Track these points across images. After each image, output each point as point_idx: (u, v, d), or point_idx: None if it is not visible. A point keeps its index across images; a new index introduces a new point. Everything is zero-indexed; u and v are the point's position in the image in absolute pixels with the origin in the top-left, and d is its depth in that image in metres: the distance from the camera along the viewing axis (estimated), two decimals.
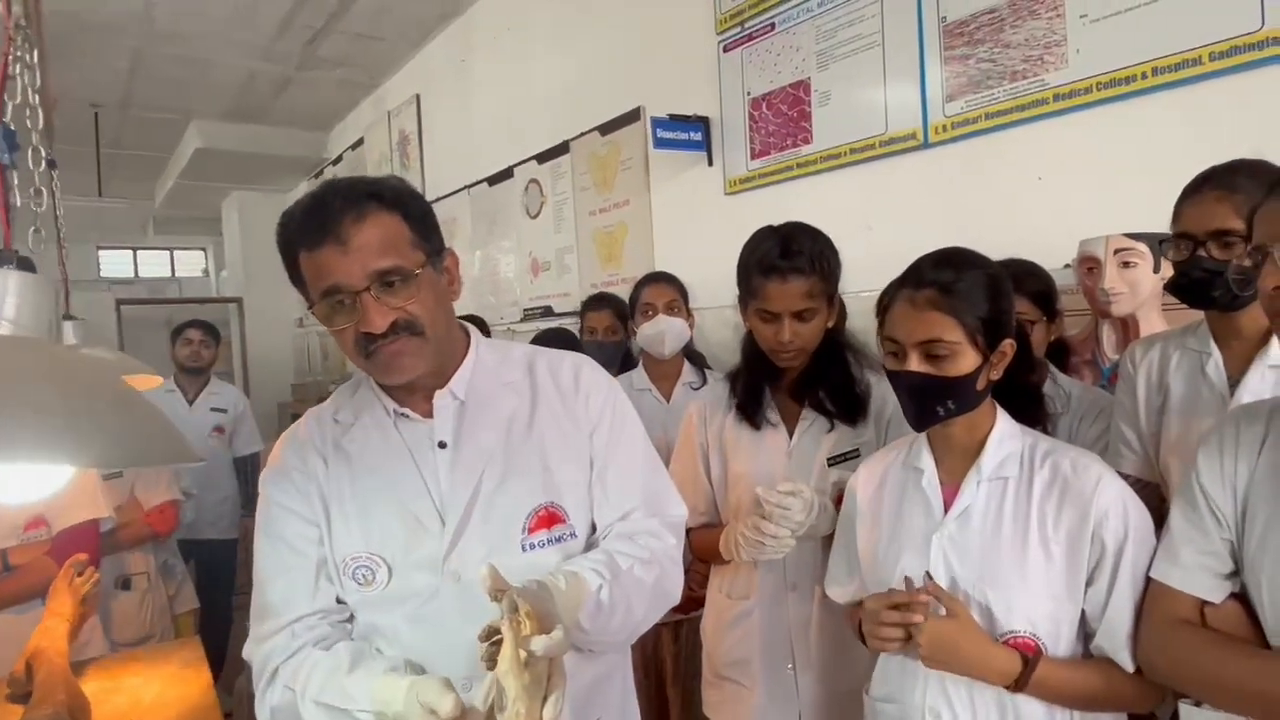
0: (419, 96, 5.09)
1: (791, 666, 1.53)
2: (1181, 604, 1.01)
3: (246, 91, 5.56)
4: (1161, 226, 1.34)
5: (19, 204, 1.02)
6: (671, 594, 1.13)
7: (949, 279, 1.13)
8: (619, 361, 2.71)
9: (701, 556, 1.66)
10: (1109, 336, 1.71)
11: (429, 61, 4.96)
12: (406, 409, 1.10)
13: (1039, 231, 1.84)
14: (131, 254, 11.43)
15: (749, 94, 2.79)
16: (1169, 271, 1.34)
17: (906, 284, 1.16)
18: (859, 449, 1.50)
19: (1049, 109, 1.98)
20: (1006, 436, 1.18)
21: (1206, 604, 1.00)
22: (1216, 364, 1.30)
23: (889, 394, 1.33)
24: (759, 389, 1.58)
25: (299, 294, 1.05)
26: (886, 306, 1.19)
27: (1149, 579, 1.05)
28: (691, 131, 2.92)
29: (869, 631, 1.16)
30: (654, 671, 2.35)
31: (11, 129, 1.01)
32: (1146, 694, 1.09)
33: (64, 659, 1.60)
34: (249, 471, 3.73)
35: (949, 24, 2.18)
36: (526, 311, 4.17)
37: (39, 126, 1.05)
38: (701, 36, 2.94)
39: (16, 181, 1.02)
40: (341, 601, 1.10)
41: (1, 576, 1.94)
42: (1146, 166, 1.80)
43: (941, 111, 2.22)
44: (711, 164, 2.95)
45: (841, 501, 1.37)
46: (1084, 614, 1.10)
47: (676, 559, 1.14)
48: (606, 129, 3.45)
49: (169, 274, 11.63)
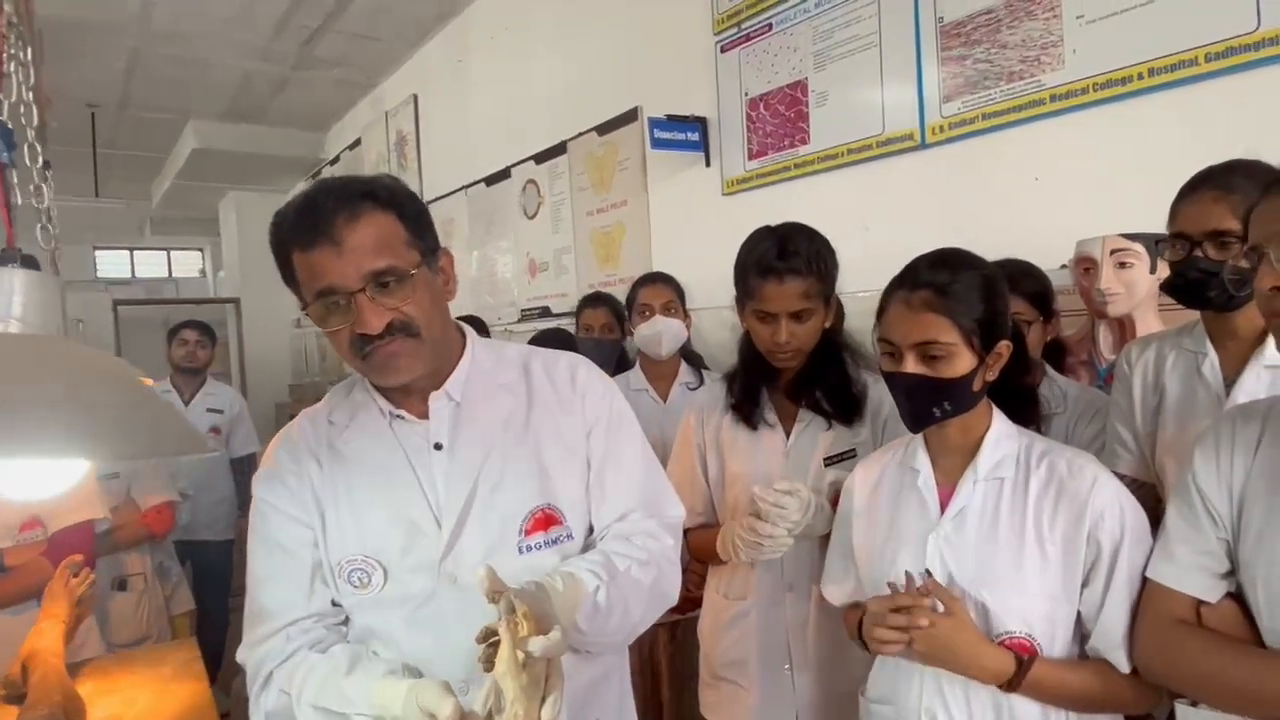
0: (416, 97, 5.09)
1: (788, 667, 1.53)
2: (1177, 604, 1.01)
3: (243, 92, 5.55)
4: (1158, 227, 1.34)
5: (20, 202, 1.02)
6: (669, 595, 1.13)
7: (945, 280, 1.12)
8: (615, 360, 2.71)
9: (699, 557, 1.66)
10: (1105, 337, 1.71)
11: (426, 62, 4.96)
12: (402, 410, 1.09)
13: (1036, 232, 1.85)
14: (128, 254, 11.42)
15: (746, 94, 2.79)
16: (1165, 272, 1.34)
17: (902, 285, 1.16)
18: (855, 449, 1.50)
19: (1046, 109, 1.99)
20: (1003, 437, 1.18)
21: (1202, 603, 1.00)
22: (1212, 364, 1.30)
23: (886, 394, 1.33)
24: (756, 389, 1.58)
25: (294, 295, 1.03)
26: (883, 308, 1.19)
27: (1145, 579, 1.05)
28: (689, 132, 2.92)
29: (871, 634, 1.15)
30: (650, 672, 2.35)
31: (9, 127, 1.01)
32: (1143, 695, 1.09)
33: (59, 660, 1.59)
34: (246, 473, 3.72)
35: (946, 24, 2.18)
36: (524, 312, 4.17)
37: (34, 124, 1.05)
38: (699, 37, 2.93)
39: (16, 180, 1.02)
40: (337, 604, 1.09)
41: None
42: (1143, 167, 1.80)
43: (938, 112, 2.22)
44: (709, 164, 2.95)
45: (838, 501, 1.36)
46: (1079, 614, 1.10)
47: (674, 560, 1.14)
48: (604, 129, 3.44)
49: (166, 274, 11.62)
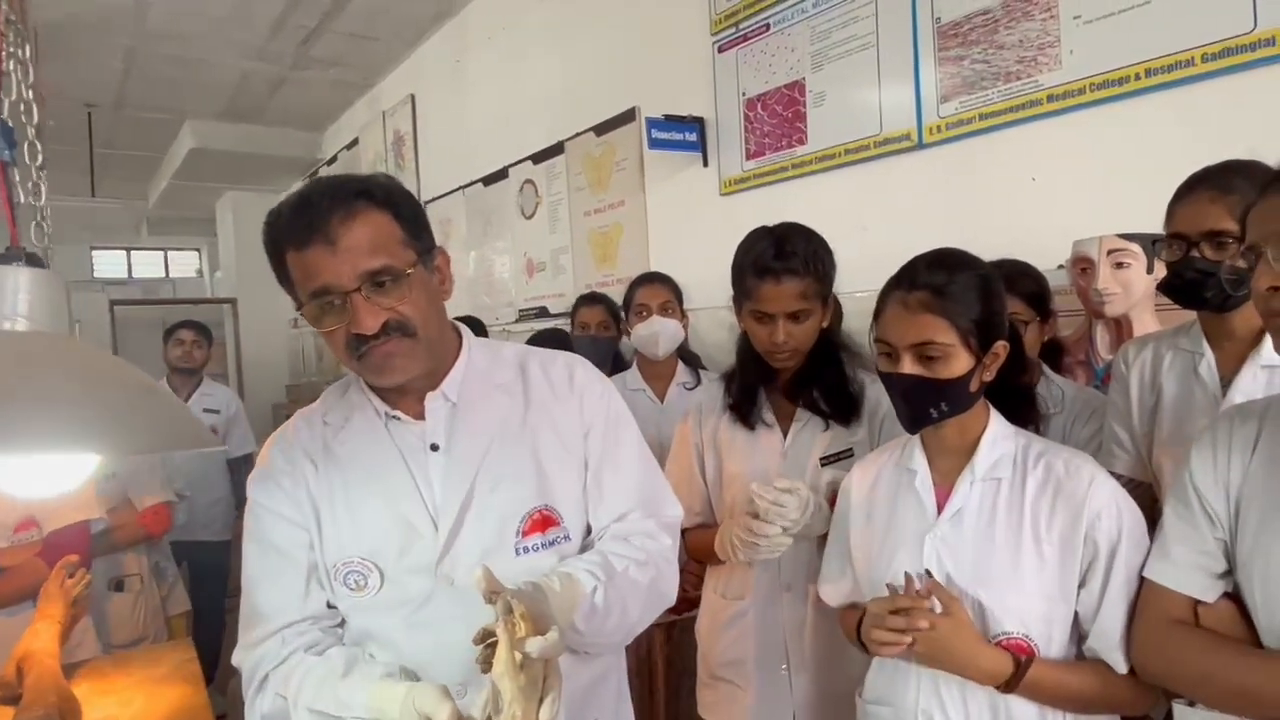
0: (414, 97, 5.08)
1: (786, 667, 1.53)
2: (1175, 603, 1.01)
3: (241, 91, 5.55)
4: (1155, 227, 1.34)
5: (22, 201, 1.02)
6: (667, 595, 1.13)
7: (942, 281, 1.12)
8: (611, 358, 2.71)
9: (697, 557, 1.66)
10: (1103, 337, 1.71)
11: (423, 61, 4.95)
12: (398, 411, 1.08)
13: (1033, 232, 1.85)
14: (125, 254, 11.40)
15: (744, 94, 2.79)
16: (1162, 272, 1.34)
17: (899, 286, 1.16)
18: (852, 448, 1.50)
19: (1043, 110, 1.99)
20: (1000, 437, 1.18)
21: (1200, 603, 0.99)
22: (1209, 364, 1.30)
23: (883, 394, 1.33)
24: (754, 389, 1.58)
25: (288, 294, 1.02)
26: (880, 309, 1.19)
27: (1142, 579, 1.05)
28: (686, 132, 2.92)
29: (871, 636, 1.14)
30: (647, 672, 2.35)
31: (9, 125, 1.01)
32: (1141, 696, 1.08)
33: (55, 661, 1.59)
34: (242, 473, 3.71)
35: (943, 25, 2.19)
36: (521, 312, 4.16)
37: (34, 122, 1.04)
38: (696, 37, 2.93)
39: (18, 178, 1.02)
40: (332, 606, 1.08)
41: None
42: (1140, 167, 1.80)
43: (936, 112, 2.22)
44: (706, 164, 2.95)
45: (835, 501, 1.36)
46: (1077, 615, 1.10)
47: (672, 560, 1.14)
48: (601, 129, 3.44)
49: (163, 275, 11.60)
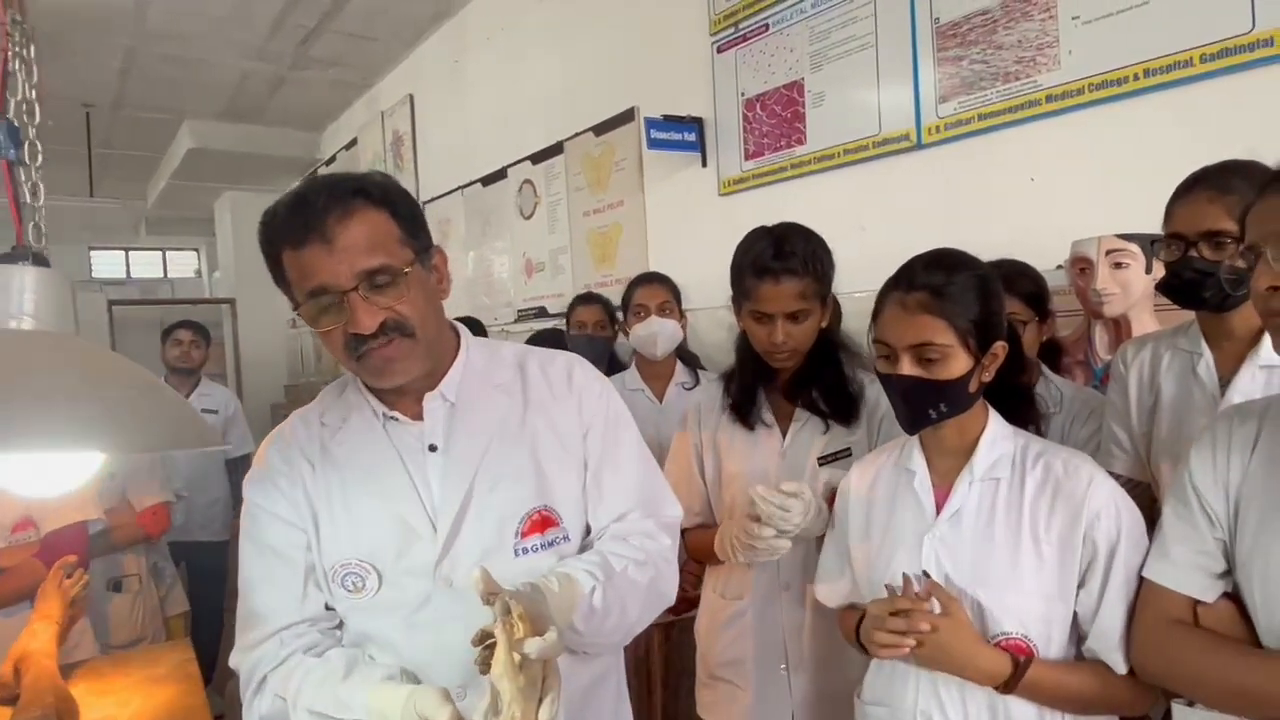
0: (412, 97, 5.08)
1: (784, 667, 1.53)
2: (1174, 603, 1.00)
3: (240, 91, 5.54)
4: (1154, 227, 1.34)
5: (28, 200, 1.02)
6: (666, 595, 1.12)
7: (940, 282, 1.12)
8: (608, 357, 2.71)
9: (696, 557, 1.66)
10: (1101, 337, 1.71)
11: (422, 61, 4.95)
12: (395, 412, 1.08)
13: (1031, 232, 1.85)
14: (123, 254, 11.38)
15: (743, 95, 2.79)
16: (1161, 272, 1.34)
17: (897, 287, 1.16)
18: (850, 448, 1.50)
19: (1041, 110, 1.99)
20: (998, 438, 1.17)
21: (1199, 603, 0.99)
22: (1207, 364, 1.31)
23: (882, 394, 1.33)
24: (753, 389, 1.57)
25: (284, 294, 1.02)
26: (878, 309, 1.18)
27: (1141, 579, 1.05)
28: (685, 132, 2.92)
29: (873, 638, 1.13)
30: (645, 672, 2.34)
31: (15, 125, 1.01)
32: (1140, 696, 1.08)
33: (52, 661, 1.58)
34: (241, 473, 3.69)
35: (942, 25, 2.19)
36: (520, 312, 4.16)
37: (36, 123, 1.04)
38: (695, 37, 2.94)
39: (23, 178, 1.02)
40: (330, 608, 1.08)
41: None
42: (1138, 167, 1.80)
43: (935, 113, 2.22)
44: (705, 165, 2.95)
45: (833, 501, 1.36)
46: (1076, 615, 1.10)
47: (671, 560, 1.14)
48: (600, 129, 3.44)
49: (161, 275, 11.59)
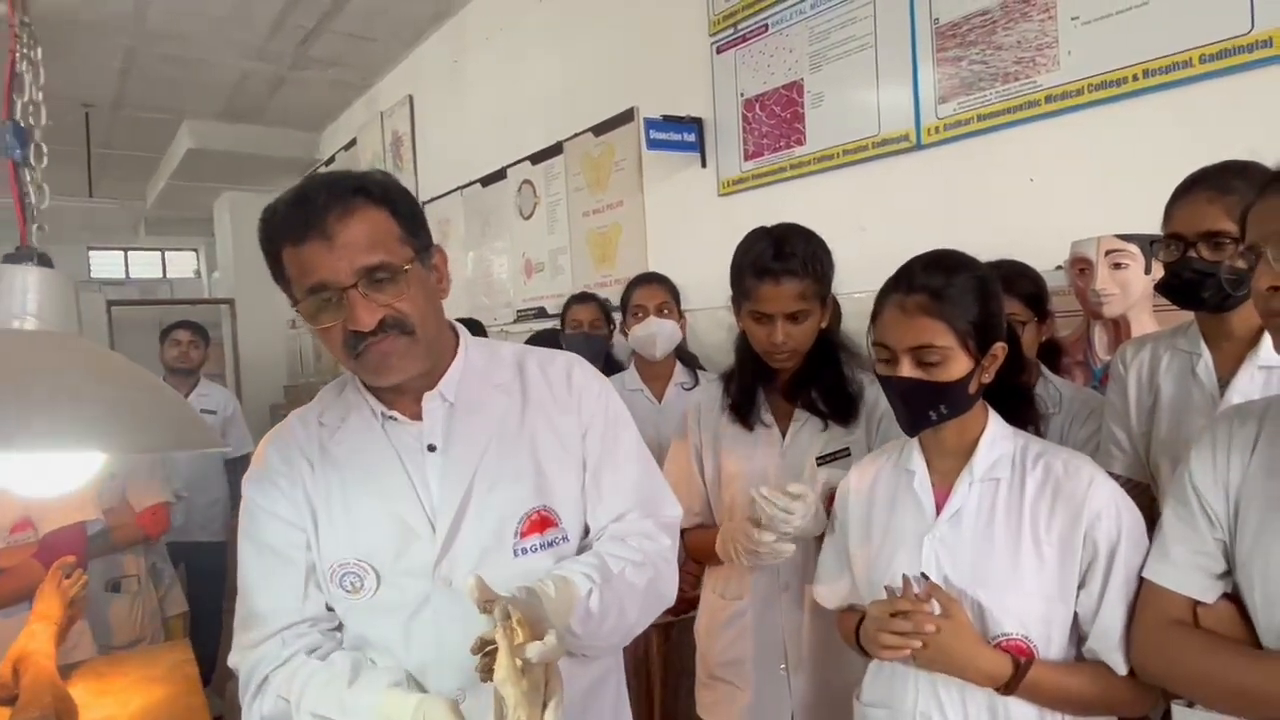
0: (412, 97, 5.08)
1: (784, 667, 1.53)
2: (1174, 604, 1.00)
3: (239, 91, 5.54)
4: (1153, 228, 1.34)
5: (33, 201, 1.02)
6: (666, 595, 1.12)
7: (939, 284, 1.12)
8: (604, 356, 2.71)
9: (696, 558, 1.66)
10: (1100, 337, 1.71)
11: (421, 62, 4.95)
12: (394, 411, 1.07)
13: (1031, 233, 1.85)
14: (123, 255, 11.38)
15: (742, 95, 2.79)
16: (1160, 272, 1.34)
17: (897, 289, 1.15)
18: (849, 448, 1.50)
19: (1041, 110, 1.99)
20: (998, 438, 1.17)
21: (1199, 604, 0.99)
22: (1206, 365, 1.31)
23: (881, 394, 1.33)
24: (752, 390, 1.57)
25: (284, 292, 1.02)
26: (877, 311, 1.18)
27: (1142, 579, 1.05)
28: (685, 133, 2.92)
29: (874, 639, 1.12)
30: (644, 673, 2.34)
31: (22, 126, 1.01)
32: (1140, 697, 1.08)
33: (51, 662, 1.58)
34: (240, 474, 3.68)
35: (941, 26, 2.19)
36: (520, 313, 4.16)
37: (42, 123, 1.05)
38: (695, 37, 2.93)
39: (30, 178, 1.02)
40: (330, 609, 1.08)
41: None
42: (1138, 168, 1.80)
43: (934, 113, 2.22)
44: (705, 165, 2.95)
45: (832, 502, 1.36)
46: (1076, 616, 1.10)
47: (671, 560, 1.13)
48: (600, 130, 3.44)
49: (160, 275, 11.59)
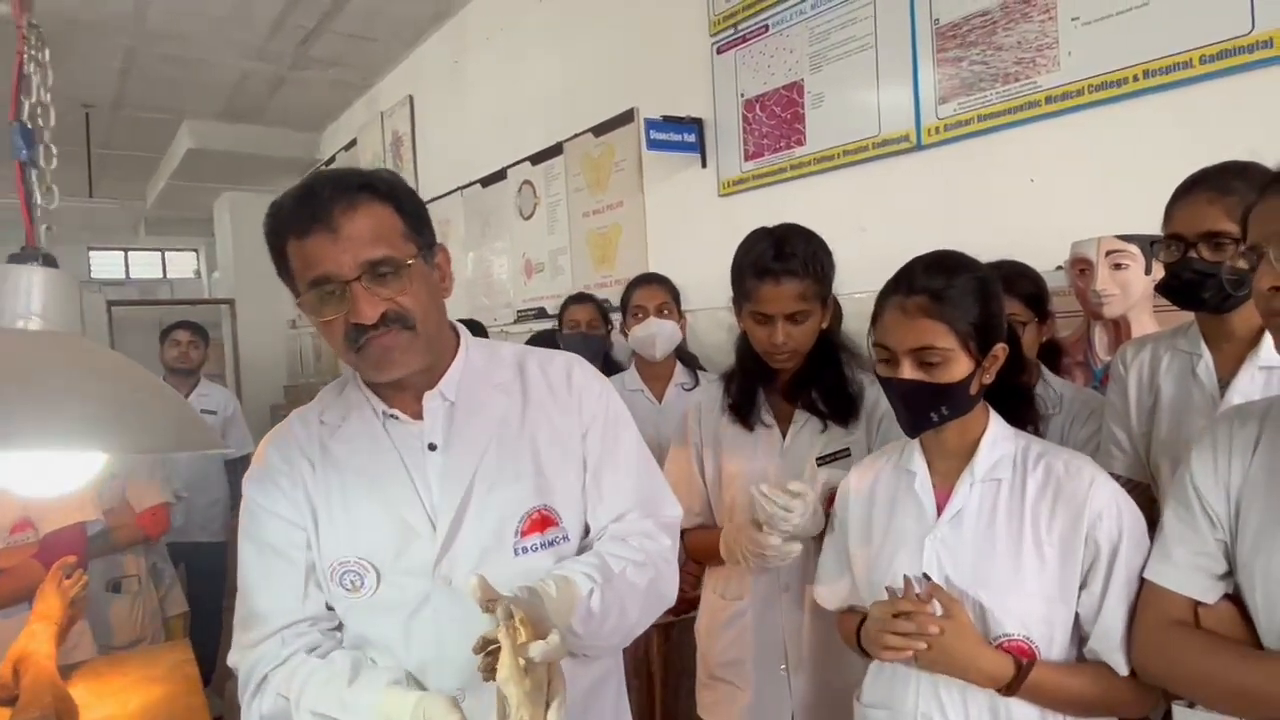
0: (412, 97, 5.08)
1: (784, 667, 1.53)
2: (1175, 605, 1.00)
3: (239, 92, 5.54)
4: (1153, 228, 1.34)
5: (39, 202, 1.02)
6: (666, 596, 1.12)
7: (940, 285, 1.12)
8: (602, 356, 2.71)
9: (697, 558, 1.66)
10: (1101, 338, 1.71)
11: (422, 62, 4.95)
12: (395, 410, 1.08)
13: (1031, 233, 1.85)
14: (123, 255, 11.39)
15: (743, 96, 2.79)
16: (1160, 273, 1.34)
17: (897, 290, 1.15)
18: (849, 448, 1.50)
19: (1041, 111, 1.99)
20: (999, 439, 1.17)
21: (1200, 605, 0.99)
22: (1207, 365, 1.31)
23: (881, 394, 1.33)
24: (753, 390, 1.57)
25: (286, 286, 1.03)
26: (878, 313, 1.18)
27: (1143, 580, 1.05)
28: (685, 133, 2.92)
29: (877, 640, 1.12)
30: (645, 673, 2.34)
31: (29, 126, 1.01)
32: (1142, 697, 1.08)
33: (51, 662, 1.58)
34: (239, 474, 3.68)
35: (941, 26, 2.19)
36: (520, 313, 4.16)
37: (50, 125, 1.05)
38: (695, 38, 2.94)
39: (37, 178, 1.02)
40: (330, 609, 1.08)
41: None
42: (1138, 168, 1.80)
43: (934, 113, 2.22)
44: (705, 165, 2.95)
45: (832, 502, 1.36)
46: (1077, 617, 1.10)
47: (671, 560, 1.13)
48: (600, 130, 3.44)
49: (160, 275, 11.59)
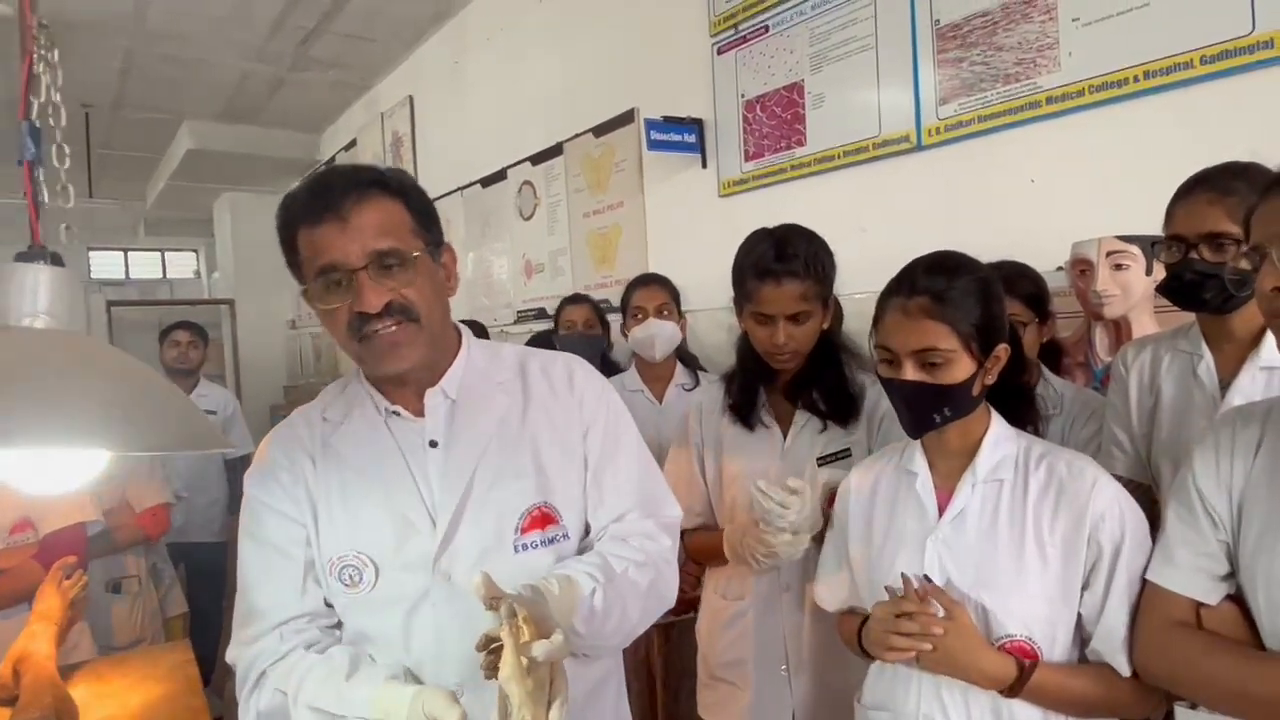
0: (412, 98, 5.08)
1: (785, 668, 1.53)
2: (1177, 606, 1.00)
3: (239, 92, 5.54)
4: (1154, 229, 1.34)
5: (47, 202, 1.03)
6: (667, 596, 1.13)
7: (941, 286, 1.12)
8: (600, 356, 2.71)
9: (698, 558, 1.66)
10: (1101, 338, 1.71)
11: (422, 63, 4.95)
12: (397, 406, 1.08)
13: (1032, 234, 1.85)
14: (122, 255, 11.38)
15: (743, 96, 2.79)
16: (1161, 274, 1.34)
17: (899, 292, 1.15)
18: (849, 448, 1.50)
19: (1042, 112, 1.99)
20: (1001, 439, 1.17)
21: (1202, 606, 0.99)
22: (1208, 366, 1.31)
23: (882, 395, 1.33)
24: (754, 390, 1.58)
25: (295, 278, 1.04)
26: (879, 314, 1.18)
27: (1145, 581, 1.05)
28: (685, 133, 2.92)
29: (880, 641, 1.12)
30: (645, 673, 2.34)
31: (37, 126, 1.02)
32: (1144, 699, 1.08)
33: (51, 662, 1.58)
34: (239, 474, 3.68)
35: (942, 27, 2.19)
36: (520, 314, 4.16)
37: (61, 124, 1.06)
38: (695, 38, 2.94)
39: (45, 178, 1.03)
40: (330, 605, 1.08)
41: None
42: (1139, 169, 1.80)
43: (935, 114, 2.22)
44: (705, 166, 2.95)
45: (833, 502, 1.36)
46: (1079, 617, 1.10)
47: (671, 561, 1.14)
48: (600, 130, 3.44)
49: (160, 275, 11.59)
